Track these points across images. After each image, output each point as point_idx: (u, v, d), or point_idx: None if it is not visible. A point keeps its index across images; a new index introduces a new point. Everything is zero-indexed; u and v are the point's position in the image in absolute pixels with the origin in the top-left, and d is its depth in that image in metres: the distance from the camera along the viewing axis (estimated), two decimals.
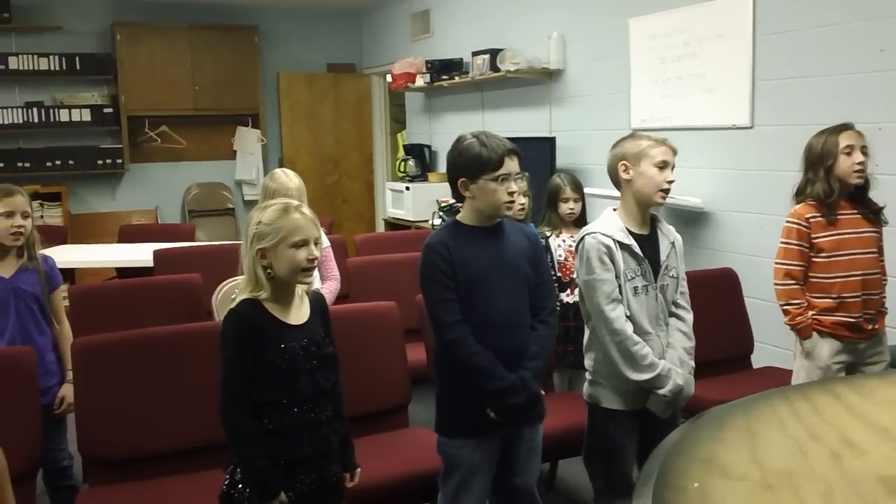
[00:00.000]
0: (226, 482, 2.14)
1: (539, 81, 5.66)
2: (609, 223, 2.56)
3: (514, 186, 2.33)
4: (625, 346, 2.46)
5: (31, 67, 7.18)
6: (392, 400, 3.16)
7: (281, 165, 8.28)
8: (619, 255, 2.50)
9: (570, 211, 3.74)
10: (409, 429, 3.16)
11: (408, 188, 6.86)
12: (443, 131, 7.20)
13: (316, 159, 8.36)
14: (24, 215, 3.01)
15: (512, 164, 2.32)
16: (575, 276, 3.63)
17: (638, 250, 2.52)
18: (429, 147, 7.30)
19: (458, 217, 2.44)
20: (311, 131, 8.43)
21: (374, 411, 3.04)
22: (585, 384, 2.67)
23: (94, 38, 7.53)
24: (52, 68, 7.23)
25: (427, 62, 6.77)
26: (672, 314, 2.60)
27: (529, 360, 2.36)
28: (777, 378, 3.45)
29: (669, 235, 2.64)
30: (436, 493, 2.53)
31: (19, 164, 7.12)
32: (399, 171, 7.52)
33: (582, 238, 2.56)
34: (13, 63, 7.12)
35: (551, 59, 5.44)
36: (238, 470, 2.12)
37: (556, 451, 2.98)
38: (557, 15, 5.49)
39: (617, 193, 2.59)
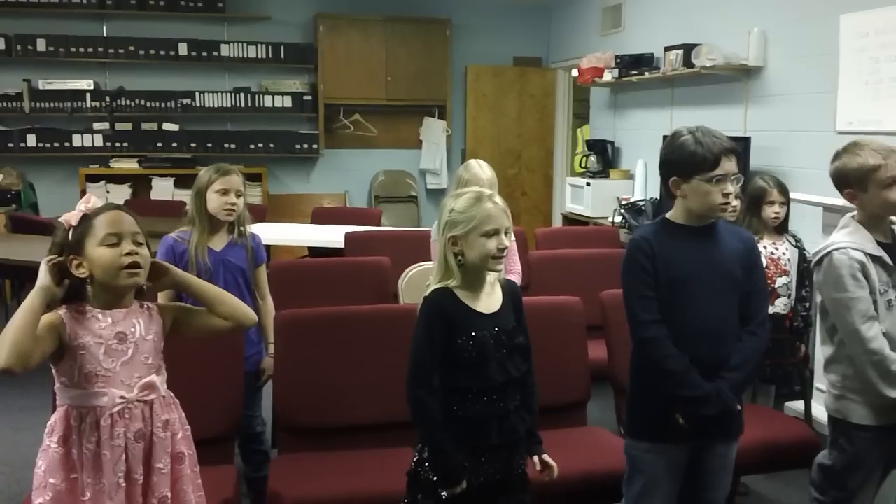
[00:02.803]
0: (414, 459, 2.18)
1: (735, 79, 5.43)
2: (856, 235, 2.41)
3: (730, 188, 2.21)
4: (884, 366, 2.33)
5: (240, 55, 7.66)
6: (571, 396, 3.14)
7: (464, 157, 8.46)
8: (872, 269, 2.36)
9: (775, 215, 3.52)
10: (587, 427, 3.13)
11: (588, 184, 6.79)
12: (627, 128, 7.06)
13: (497, 151, 8.43)
14: (238, 194, 3.08)
15: (729, 165, 2.20)
16: (777, 282, 3.48)
17: (889, 261, 2.37)
18: (612, 143, 7.19)
19: (668, 215, 2.36)
20: (494, 123, 8.52)
21: (553, 406, 2.98)
22: (829, 398, 2.54)
23: (298, 28, 7.93)
24: (259, 56, 7.68)
25: (616, 57, 6.66)
26: None
27: (730, 371, 2.24)
28: None
29: None
30: (618, 495, 2.49)
31: (226, 146, 7.64)
32: (580, 166, 7.44)
33: (828, 253, 2.42)
34: (224, 51, 7.60)
35: (750, 56, 5.20)
36: (426, 449, 2.15)
37: (742, 465, 2.87)
38: (759, 10, 5.23)
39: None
